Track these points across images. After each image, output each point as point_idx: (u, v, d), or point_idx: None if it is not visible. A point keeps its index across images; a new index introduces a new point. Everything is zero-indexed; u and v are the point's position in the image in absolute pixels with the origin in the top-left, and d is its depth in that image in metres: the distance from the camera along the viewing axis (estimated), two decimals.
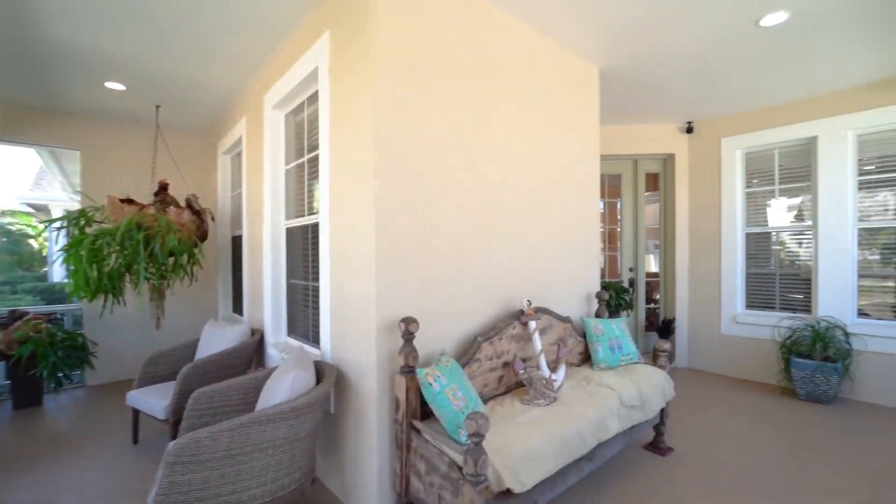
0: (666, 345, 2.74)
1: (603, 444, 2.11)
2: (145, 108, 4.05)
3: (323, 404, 1.98)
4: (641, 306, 4.87)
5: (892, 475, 2.42)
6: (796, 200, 4.12)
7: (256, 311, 3.52)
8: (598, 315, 3.08)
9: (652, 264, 5.14)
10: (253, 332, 3.36)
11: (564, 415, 1.97)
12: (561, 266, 2.96)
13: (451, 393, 1.68)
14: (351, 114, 2.12)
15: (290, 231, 3.15)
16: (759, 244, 4.33)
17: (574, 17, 2.57)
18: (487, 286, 2.44)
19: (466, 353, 2.17)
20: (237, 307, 4.45)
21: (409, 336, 1.82)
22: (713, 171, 4.51)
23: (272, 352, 3.12)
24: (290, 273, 3.19)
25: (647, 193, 4.98)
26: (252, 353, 3.20)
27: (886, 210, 3.60)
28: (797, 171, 4.07)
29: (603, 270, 5.05)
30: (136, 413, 2.92)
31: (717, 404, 3.55)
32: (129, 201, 3.22)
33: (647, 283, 5.02)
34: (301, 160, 3.01)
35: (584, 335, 2.92)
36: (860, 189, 3.70)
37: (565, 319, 2.80)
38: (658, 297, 4.98)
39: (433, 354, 2.11)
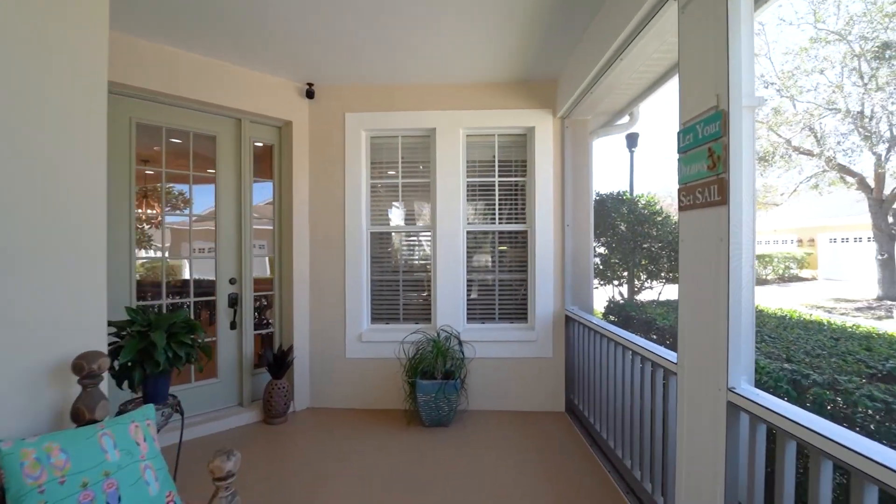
0: (227, 463, 1.28)
1: None
2: None
3: None
4: (248, 334, 3.34)
5: None
6: (419, 199, 3.71)
7: None
8: (76, 417, 1.26)
9: (268, 269, 3.75)
10: None
11: None
12: None
13: None
14: None
15: None
16: (383, 246, 3.70)
17: None
18: None
19: None
20: None
21: None
22: (337, 154, 3.55)
23: None
24: None
25: (266, 181, 3.51)
26: None
27: (479, 214, 3.62)
28: (421, 165, 3.66)
29: (194, 282, 3.20)
30: None
31: (337, 470, 2.49)
32: None
33: (262, 300, 3.57)
34: None
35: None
36: (468, 192, 3.59)
37: None
38: (271, 319, 3.59)
39: None
